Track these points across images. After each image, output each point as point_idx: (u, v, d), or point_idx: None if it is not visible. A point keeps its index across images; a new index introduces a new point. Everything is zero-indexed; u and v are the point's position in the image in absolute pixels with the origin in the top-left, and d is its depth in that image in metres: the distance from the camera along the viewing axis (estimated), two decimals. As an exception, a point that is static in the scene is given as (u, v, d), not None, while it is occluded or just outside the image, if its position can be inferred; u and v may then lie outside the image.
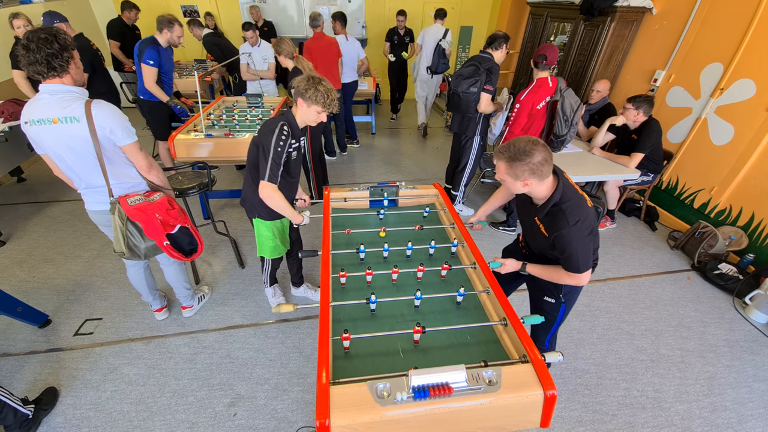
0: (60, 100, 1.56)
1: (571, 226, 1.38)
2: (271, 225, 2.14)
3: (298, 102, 1.82)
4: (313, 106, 1.80)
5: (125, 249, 1.85)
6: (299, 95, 1.79)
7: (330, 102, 1.80)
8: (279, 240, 2.22)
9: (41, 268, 2.89)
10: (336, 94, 1.83)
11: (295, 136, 1.91)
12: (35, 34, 1.47)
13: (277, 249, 2.24)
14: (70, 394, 2.02)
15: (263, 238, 2.18)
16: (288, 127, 1.83)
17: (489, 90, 2.97)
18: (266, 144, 1.78)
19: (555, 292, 1.68)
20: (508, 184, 1.43)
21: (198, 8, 6.41)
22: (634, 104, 3.09)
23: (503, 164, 1.38)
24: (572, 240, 1.40)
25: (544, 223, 1.49)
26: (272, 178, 1.82)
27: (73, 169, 1.72)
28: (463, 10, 6.87)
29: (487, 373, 1.11)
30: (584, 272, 1.47)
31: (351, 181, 4.45)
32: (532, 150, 1.32)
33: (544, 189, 1.42)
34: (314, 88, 1.76)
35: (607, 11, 3.75)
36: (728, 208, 3.20)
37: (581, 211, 1.41)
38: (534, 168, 1.33)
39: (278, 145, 1.78)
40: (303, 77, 1.80)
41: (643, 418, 2.00)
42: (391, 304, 1.52)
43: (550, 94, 2.85)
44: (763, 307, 2.59)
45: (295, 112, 1.89)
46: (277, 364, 2.21)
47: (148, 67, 3.25)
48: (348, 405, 1.03)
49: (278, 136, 1.78)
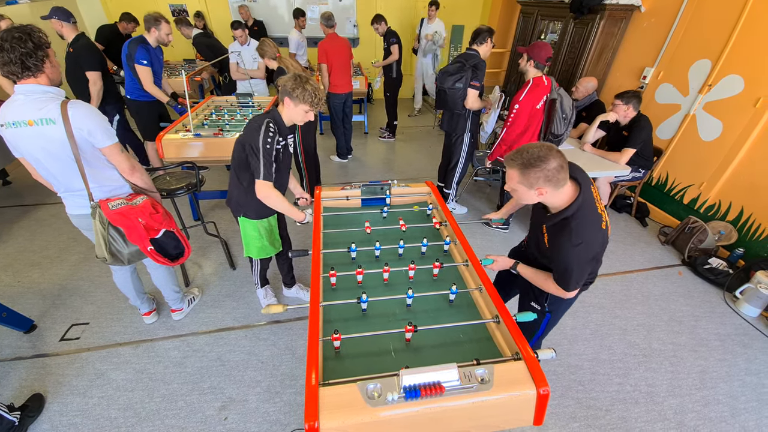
0: (35, 101, 1.50)
1: (573, 246, 1.31)
2: (258, 224, 2.11)
3: (285, 101, 1.79)
4: (300, 105, 1.78)
5: (107, 255, 1.80)
6: (286, 94, 1.77)
7: (317, 101, 1.78)
8: (267, 240, 2.18)
9: (26, 273, 2.83)
10: (323, 93, 1.82)
11: (283, 134, 1.89)
12: (9, 33, 1.42)
13: (264, 249, 2.20)
14: (56, 401, 1.97)
15: (249, 237, 2.15)
16: (274, 124, 1.81)
17: (475, 86, 2.96)
18: (254, 143, 1.76)
19: (541, 299, 1.66)
20: (521, 194, 1.33)
21: (187, 7, 6.34)
22: (623, 100, 3.10)
23: (516, 172, 1.29)
24: (570, 259, 1.34)
25: (549, 232, 1.43)
26: (267, 176, 1.80)
27: (51, 173, 1.67)
28: (454, 9, 6.88)
29: (480, 372, 1.10)
30: (572, 290, 1.44)
31: (343, 180, 4.42)
32: (546, 155, 1.23)
33: (559, 198, 1.33)
34: (302, 87, 1.73)
35: (596, 9, 3.77)
36: (717, 204, 3.23)
37: (589, 234, 1.32)
38: (549, 175, 1.24)
39: (266, 142, 1.76)
40: (290, 76, 1.78)
41: (636, 413, 2.00)
42: (383, 303, 1.50)
43: (546, 93, 2.81)
44: (754, 301, 2.62)
45: (282, 111, 1.86)
46: (269, 366, 2.18)
47: (143, 68, 3.19)
48: (338, 406, 1.01)
49: (265, 133, 1.76)
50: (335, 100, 4.36)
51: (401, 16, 6.90)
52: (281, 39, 6.15)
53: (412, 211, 2.15)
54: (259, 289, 2.51)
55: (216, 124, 3.29)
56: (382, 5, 6.63)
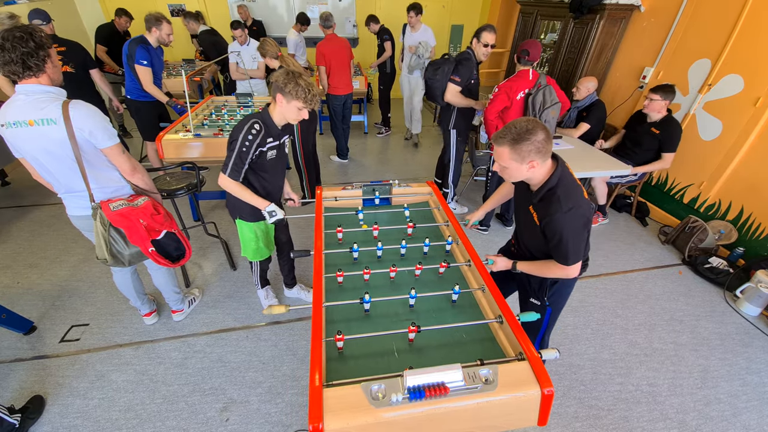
0: (36, 101, 1.49)
1: (564, 213, 1.34)
2: (254, 226, 2.09)
3: (277, 98, 1.74)
4: (293, 102, 1.72)
5: (108, 256, 1.79)
6: (278, 90, 1.71)
7: (311, 97, 1.72)
8: (262, 242, 2.17)
9: (26, 274, 2.82)
10: (317, 89, 1.77)
11: (273, 134, 1.84)
12: (10, 33, 1.41)
13: (259, 251, 2.19)
14: (56, 402, 1.96)
15: (246, 239, 2.14)
16: (261, 125, 1.76)
17: (455, 80, 2.98)
18: (234, 138, 1.74)
19: (540, 294, 1.66)
20: (512, 170, 1.36)
21: (186, 7, 6.33)
22: (662, 94, 2.94)
23: (506, 148, 1.31)
24: (564, 226, 1.35)
25: (538, 209, 1.44)
26: (233, 174, 1.78)
27: (52, 173, 1.66)
28: (453, 9, 6.88)
29: (484, 372, 1.10)
30: (572, 263, 1.43)
31: (344, 180, 4.41)
32: (534, 128, 1.28)
33: (543, 171, 1.38)
34: (294, 82, 1.67)
35: (596, 9, 3.77)
36: (717, 203, 3.24)
37: (576, 199, 1.36)
38: (540, 146, 1.28)
39: (244, 144, 1.72)
40: (282, 72, 1.71)
41: (638, 412, 2.00)
42: (386, 304, 1.49)
43: (528, 87, 2.89)
44: (754, 300, 2.62)
45: (273, 110, 1.81)
46: (270, 366, 2.17)
47: (143, 68, 3.18)
48: (342, 407, 1.01)
49: (246, 133, 1.72)
50: (335, 102, 4.35)
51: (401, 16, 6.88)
52: (280, 39, 6.11)
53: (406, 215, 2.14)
54: (260, 290, 2.50)
55: (216, 125, 3.28)
56: (382, 5, 6.62)
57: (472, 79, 3.05)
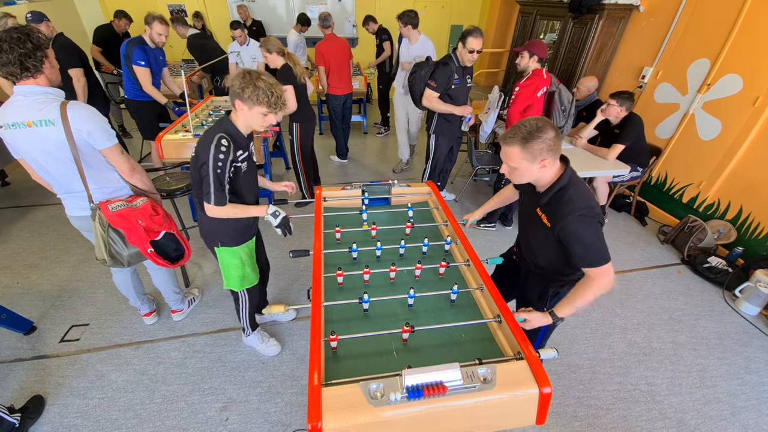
0: (34, 102, 1.49)
1: (578, 215, 1.27)
2: (238, 251, 1.82)
3: (237, 105, 1.52)
4: (255, 108, 1.49)
5: (107, 257, 1.79)
6: (236, 96, 1.48)
7: (275, 100, 1.49)
8: (249, 267, 1.90)
9: (25, 274, 2.82)
10: (282, 90, 1.53)
11: (241, 146, 1.61)
12: (8, 34, 1.40)
13: (246, 278, 1.91)
14: (56, 402, 1.96)
15: (229, 267, 1.84)
16: (227, 139, 1.52)
17: (431, 85, 2.96)
18: (204, 161, 1.50)
19: (539, 305, 1.65)
20: (523, 170, 1.31)
21: (185, 7, 6.33)
22: (618, 100, 3.12)
23: (516, 148, 1.26)
24: (582, 229, 1.28)
25: (547, 211, 1.38)
26: (219, 200, 1.55)
27: (51, 174, 1.66)
28: (453, 9, 6.88)
29: (482, 371, 1.10)
30: (605, 263, 1.30)
31: (343, 180, 4.42)
32: (544, 126, 1.24)
33: (553, 171, 1.34)
34: (253, 86, 1.45)
35: (595, 9, 3.78)
36: (716, 202, 3.24)
37: (589, 199, 1.31)
38: (551, 144, 1.25)
39: (217, 165, 1.49)
40: (237, 73, 1.49)
41: (637, 412, 2.00)
42: (385, 304, 1.49)
43: (546, 84, 2.91)
44: (753, 299, 2.63)
45: (236, 118, 1.58)
46: (269, 366, 2.18)
47: (141, 69, 3.18)
48: (340, 407, 1.01)
49: (215, 152, 1.48)
50: (334, 102, 4.35)
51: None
52: (280, 39, 6.13)
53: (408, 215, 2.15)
54: (252, 334, 2.18)
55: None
56: (381, 5, 6.62)
57: (453, 85, 2.96)
